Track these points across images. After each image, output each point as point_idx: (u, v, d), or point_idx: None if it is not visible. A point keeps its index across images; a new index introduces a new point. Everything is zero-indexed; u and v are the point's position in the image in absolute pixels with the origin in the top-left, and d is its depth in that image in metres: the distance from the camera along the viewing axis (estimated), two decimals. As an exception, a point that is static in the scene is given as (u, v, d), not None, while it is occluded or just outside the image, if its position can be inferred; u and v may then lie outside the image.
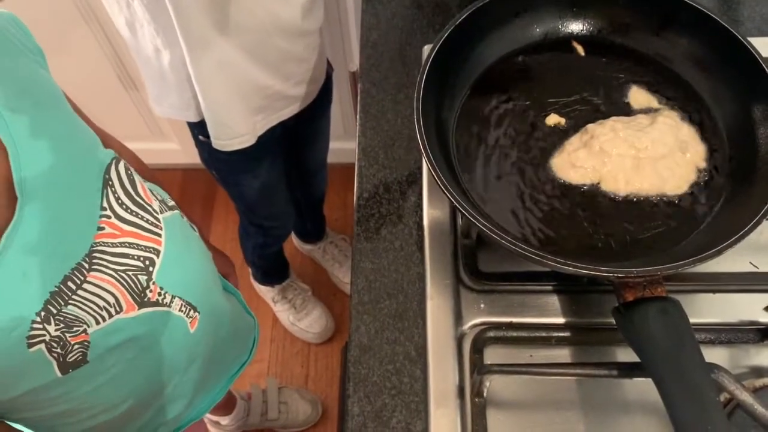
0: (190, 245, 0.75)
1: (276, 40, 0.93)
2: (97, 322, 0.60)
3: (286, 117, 1.08)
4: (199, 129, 1.03)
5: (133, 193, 0.65)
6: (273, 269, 1.72)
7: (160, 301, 0.67)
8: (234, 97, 0.96)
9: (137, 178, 0.67)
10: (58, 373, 0.59)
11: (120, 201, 0.63)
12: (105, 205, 0.61)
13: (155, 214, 0.67)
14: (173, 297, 0.69)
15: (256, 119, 1.02)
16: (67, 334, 0.57)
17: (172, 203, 0.73)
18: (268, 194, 1.27)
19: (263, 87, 0.98)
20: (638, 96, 0.76)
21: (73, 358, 0.59)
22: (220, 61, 0.90)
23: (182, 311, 0.71)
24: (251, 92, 0.98)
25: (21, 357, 0.55)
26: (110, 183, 0.63)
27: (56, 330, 0.56)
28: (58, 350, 0.57)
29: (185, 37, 0.85)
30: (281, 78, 1.00)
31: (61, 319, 0.56)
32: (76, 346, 0.59)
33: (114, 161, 0.64)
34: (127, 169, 0.66)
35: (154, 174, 0.83)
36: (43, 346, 0.55)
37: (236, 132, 1.00)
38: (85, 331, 0.59)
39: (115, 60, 1.57)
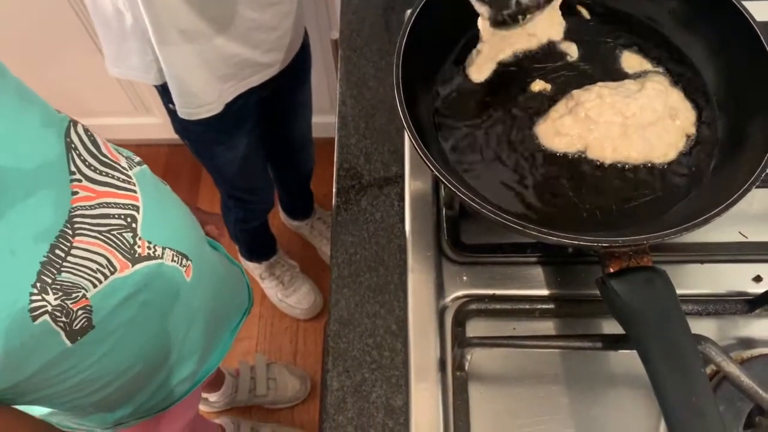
0: (165, 197, 0.74)
1: (243, 8, 0.89)
2: (94, 285, 0.60)
3: (256, 84, 1.04)
4: (168, 97, 0.99)
5: (98, 153, 0.64)
6: (258, 245, 1.70)
7: (152, 255, 0.67)
8: (199, 65, 0.92)
9: (98, 138, 0.66)
10: (68, 343, 0.59)
11: (87, 163, 0.62)
12: (73, 169, 0.60)
13: (125, 171, 0.67)
14: (163, 248, 0.69)
15: (222, 87, 0.99)
16: (68, 302, 0.58)
17: (138, 159, 0.72)
18: (243, 167, 1.24)
19: (230, 55, 0.95)
20: (631, 60, 0.73)
21: (79, 325, 0.59)
22: (184, 29, 0.86)
23: (175, 261, 0.70)
24: (217, 60, 0.94)
25: (28, 331, 0.55)
26: (73, 146, 0.61)
27: (56, 299, 0.56)
28: (63, 319, 0.58)
29: (146, 4, 0.82)
30: (249, 46, 0.96)
31: (58, 287, 0.56)
32: (80, 312, 0.59)
33: (71, 124, 0.63)
34: (86, 131, 0.64)
35: None
36: (47, 317, 0.56)
37: (202, 100, 0.97)
38: (84, 296, 0.59)
39: (94, 29, 1.53)
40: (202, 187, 1.98)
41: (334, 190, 0.76)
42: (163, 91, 1.00)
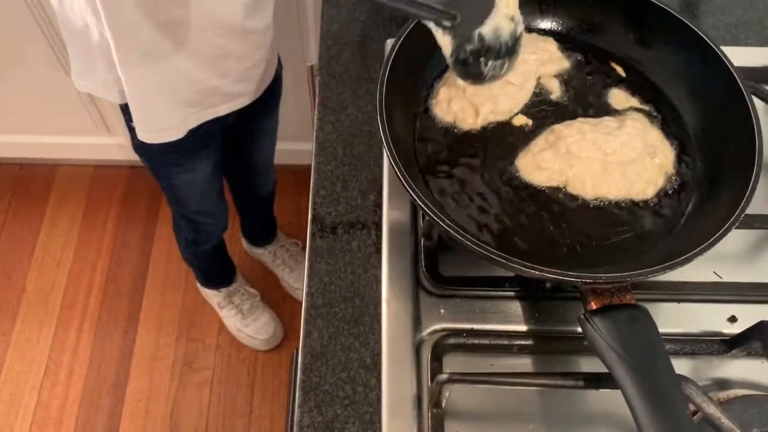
0: None
1: (212, 36, 0.87)
2: None
3: (223, 113, 1.01)
4: (130, 115, 0.96)
5: None
6: (214, 271, 1.65)
7: None
8: (161, 88, 0.90)
9: None
10: None
11: None
12: None
13: None
14: None
15: (187, 112, 0.96)
16: None
17: None
18: (200, 190, 1.21)
19: (197, 81, 0.92)
20: (618, 96, 0.73)
21: None
22: (149, 51, 0.84)
23: None
24: (183, 85, 0.92)
25: None
26: None
27: None
28: None
29: (111, 23, 0.79)
30: (217, 74, 0.94)
31: None
32: None
33: None
34: None
35: None
36: None
37: (163, 124, 0.94)
38: None
39: (58, 45, 1.48)
40: (161, 213, 1.92)
41: (309, 216, 0.74)
42: (126, 109, 0.97)
